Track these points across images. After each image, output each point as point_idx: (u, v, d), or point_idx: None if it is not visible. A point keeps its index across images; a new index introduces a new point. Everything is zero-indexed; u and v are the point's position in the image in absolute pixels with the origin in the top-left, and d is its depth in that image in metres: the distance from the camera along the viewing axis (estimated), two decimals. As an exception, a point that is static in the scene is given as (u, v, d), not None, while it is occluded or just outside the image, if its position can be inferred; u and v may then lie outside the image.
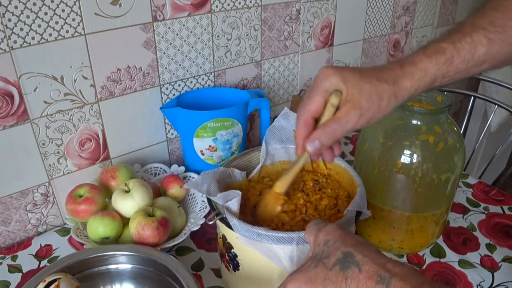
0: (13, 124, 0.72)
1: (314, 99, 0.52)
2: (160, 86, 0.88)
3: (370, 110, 0.51)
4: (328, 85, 0.51)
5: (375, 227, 0.73)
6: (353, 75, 0.51)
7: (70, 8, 0.71)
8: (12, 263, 0.74)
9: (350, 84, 0.50)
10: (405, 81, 0.51)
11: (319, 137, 0.52)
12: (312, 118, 0.53)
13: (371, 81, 0.50)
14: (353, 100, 0.50)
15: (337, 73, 0.51)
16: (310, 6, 1.06)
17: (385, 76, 0.51)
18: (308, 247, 0.52)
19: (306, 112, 0.53)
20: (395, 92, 0.51)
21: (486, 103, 1.69)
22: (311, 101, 0.52)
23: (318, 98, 0.51)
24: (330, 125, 0.51)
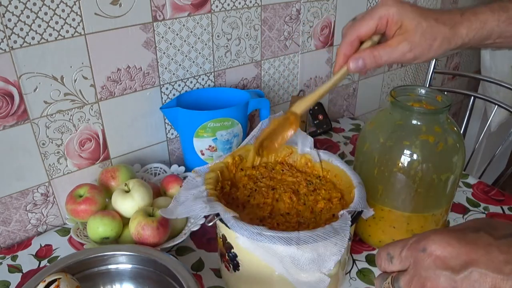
0: (13, 124, 0.72)
1: (366, 22, 0.53)
2: (160, 86, 0.88)
3: (420, 47, 0.52)
4: (384, 13, 0.52)
5: (375, 227, 0.73)
6: (412, 10, 0.52)
7: (70, 8, 0.71)
8: (12, 263, 0.74)
9: (407, 17, 0.51)
10: (462, 28, 0.52)
11: (365, 58, 0.53)
12: (358, 40, 0.54)
13: (429, 20, 0.52)
14: (407, 33, 0.52)
15: (397, 4, 0.52)
16: (310, 6, 1.06)
17: (444, 19, 0.52)
18: (309, 247, 0.52)
19: (354, 33, 0.53)
20: (449, 37, 0.52)
21: (486, 103, 1.69)
22: (363, 23, 0.53)
23: (370, 22, 0.52)
24: (378, 49, 0.53)
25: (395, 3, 0.52)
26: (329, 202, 0.65)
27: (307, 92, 1.18)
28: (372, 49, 0.53)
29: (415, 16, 0.51)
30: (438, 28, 0.52)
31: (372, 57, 0.53)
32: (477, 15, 0.53)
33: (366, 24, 0.53)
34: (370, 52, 0.53)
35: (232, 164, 0.69)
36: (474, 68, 1.81)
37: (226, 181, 0.68)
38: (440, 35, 0.52)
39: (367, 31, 0.53)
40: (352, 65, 0.54)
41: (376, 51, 0.53)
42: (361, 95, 1.35)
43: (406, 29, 0.52)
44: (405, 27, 0.52)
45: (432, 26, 0.52)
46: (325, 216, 0.63)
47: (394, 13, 0.51)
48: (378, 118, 0.71)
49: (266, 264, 0.56)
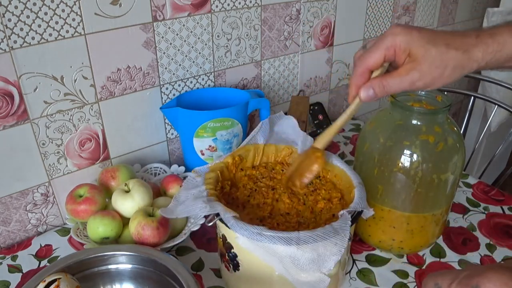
0: (13, 124, 0.72)
1: (374, 53, 0.52)
2: (160, 86, 0.88)
3: (430, 75, 0.50)
4: (391, 43, 0.51)
5: (375, 227, 0.73)
6: (420, 37, 0.50)
7: (70, 8, 0.71)
8: (12, 263, 0.74)
9: (415, 45, 0.50)
10: (477, 52, 0.49)
11: (374, 87, 0.53)
12: (369, 70, 0.53)
13: (438, 46, 0.49)
14: (416, 61, 0.50)
15: (404, 32, 0.50)
16: (310, 6, 1.06)
17: (456, 43, 0.50)
18: (309, 247, 0.52)
19: (364, 64, 0.53)
20: (463, 62, 0.50)
21: (486, 103, 1.69)
22: (371, 55, 0.52)
23: (378, 53, 0.52)
24: (387, 78, 0.52)
25: (402, 31, 0.50)
26: (329, 202, 0.65)
27: (306, 92, 1.18)
28: (382, 78, 0.52)
29: (423, 44, 0.49)
30: (449, 55, 0.49)
31: (382, 87, 0.52)
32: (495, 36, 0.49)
33: (373, 55, 0.52)
34: (379, 82, 0.52)
35: (232, 164, 0.69)
36: (474, 68, 1.81)
37: (226, 181, 0.68)
38: (452, 62, 0.49)
39: (375, 63, 0.52)
40: (362, 94, 0.54)
41: (385, 80, 0.52)
42: (361, 95, 1.35)
43: (415, 57, 0.50)
44: (414, 56, 0.50)
45: (442, 53, 0.49)
46: (325, 216, 0.63)
47: (401, 42, 0.50)
48: (378, 118, 0.71)
49: (266, 264, 0.56)
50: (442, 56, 0.49)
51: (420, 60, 0.50)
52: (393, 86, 0.52)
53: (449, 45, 0.49)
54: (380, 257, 0.75)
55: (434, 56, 0.49)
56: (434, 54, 0.49)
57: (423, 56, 0.50)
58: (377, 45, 0.52)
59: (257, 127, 0.71)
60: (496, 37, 0.50)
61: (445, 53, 0.49)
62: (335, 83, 1.25)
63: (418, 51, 0.50)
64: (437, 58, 0.49)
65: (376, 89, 0.53)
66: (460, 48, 0.49)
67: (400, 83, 0.51)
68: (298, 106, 0.98)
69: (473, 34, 0.50)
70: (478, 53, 0.50)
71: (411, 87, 0.52)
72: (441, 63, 0.49)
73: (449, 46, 0.49)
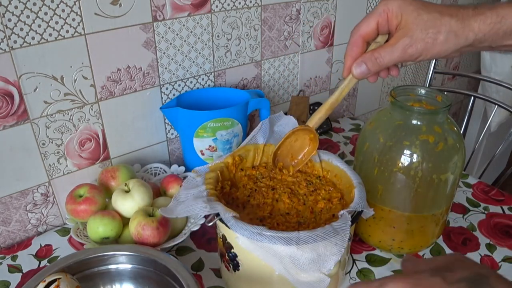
0: (13, 124, 0.72)
1: (367, 19, 0.52)
2: (160, 86, 0.88)
3: (423, 40, 0.49)
4: (383, 8, 0.50)
5: (375, 227, 0.73)
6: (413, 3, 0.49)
7: (70, 8, 0.71)
8: (12, 263, 0.74)
9: (407, 10, 0.49)
10: (474, 22, 0.48)
11: (366, 61, 0.52)
12: (362, 39, 0.52)
13: (431, 12, 0.48)
14: (405, 27, 0.49)
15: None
16: (310, 6, 1.06)
17: (450, 11, 0.49)
18: (309, 247, 0.52)
19: (356, 33, 0.52)
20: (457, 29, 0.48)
21: (486, 103, 1.69)
22: (363, 22, 0.52)
23: (370, 19, 0.51)
24: (379, 50, 0.51)
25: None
26: (329, 202, 0.65)
27: (306, 92, 1.18)
28: (373, 51, 0.52)
29: (415, 8, 0.49)
30: (442, 20, 0.48)
31: (373, 59, 0.51)
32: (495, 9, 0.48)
33: (366, 22, 0.51)
34: (371, 54, 0.51)
35: (232, 164, 0.69)
36: (474, 68, 1.81)
37: (226, 181, 0.68)
38: (445, 27, 0.48)
39: (368, 29, 0.52)
40: (355, 70, 0.53)
41: (377, 52, 0.51)
42: (361, 95, 1.35)
43: (406, 22, 0.49)
44: (405, 21, 0.49)
45: (435, 18, 0.48)
46: (325, 216, 0.63)
47: (394, 6, 0.50)
48: (378, 118, 0.71)
49: (266, 264, 0.56)
50: (435, 21, 0.48)
51: (411, 26, 0.49)
52: (385, 57, 0.51)
53: (442, 12, 0.49)
54: (380, 257, 0.75)
55: (426, 20, 0.48)
56: (426, 19, 0.48)
57: (414, 21, 0.49)
58: (370, 13, 0.52)
59: (257, 127, 0.71)
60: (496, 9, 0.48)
61: (438, 19, 0.48)
62: (335, 83, 1.25)
63: (410, 15, 0.49)
64: (429, 22, 0.48)
65: (368, 63, 0.52)
66: (454, 16, 0.48)
67: (391, 52, 0.50)
68: (298, 106, 0.98)
69: (471, 6, 0.49)
70: (475, 23, 0.48)
71: (403, 56, 0.50)
72: (434, 28, 0.48)
73: (442, 13, 0.49)
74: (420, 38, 0.49)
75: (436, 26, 0.48)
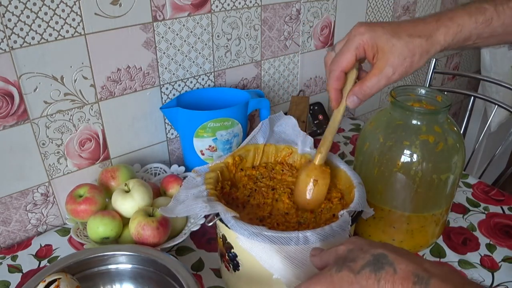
0: (13, 124, 0.72)
1: (345, 55, 0.55)
2: (160, 86, 0.88)
3: (402, 66, 0.53)
4: (359, 42, 0.54)
5: (375, 227, 0.73)
6: (384, 32, 0.53)
7: (70, 8, 0.71)
8: (12, 263, 0.74)
9: (380, 40, 0.53)
10: (439, 35, 0.53)
11: (357, 94, 0.56)
12: (343, 73, 0.56)
13: (402, 37, 0.52)
14: (383, 57, 0.53)
15: (369, 30, 0.53)
16: (310, 6, 1.06)
17: (418, 31, 0.53)
18: (310, 247, 0.52)
19: (338, 68, 0.56)
20: (427, 47, 0.53)
21: (486, 103, 1.69)
22: (343, 57, 0.55)
23: (350, 54, 0.54)
24: (365, 83, 0.55)
25: (366, 30, 0.53)
26: (329, 202, 0.65)
27: (306, 92, 1.18)
28: (361, 85, 0.56)
29: (388, 38, 0.53)
30: (414, 43, 0.53)
31: (362, 92, 0.56)
32: (454, 19, 0.53)
33: (345, 57, 0.55)
34: (360, 89, 0.56)
35: (232, 164, 0.69)
36: (474, 68, 1.81)
37: (226, 181, 0.68)
38: (417, 49, 0.53)
39: (348, 64, 0.55)
40: (349, 103, 0.57)
41: (364, 85, 0.55)
42: (361, 95, 1.35)
43: (383, 52, 0.53)
44: (381, 51, 0.53)
45: (407, 43, 0.52)
46: (325, 216, 0.63)
47: (367, 39, 0.53)
48: (378, 118, 0.71)
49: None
50: (408, 46, 0.52)
51: (388, 55, 0.53)
52: (373, 87, 0.55)
53: (411, 35, 0.53)
54: (380, 257, 0.74)
55: (401, 48, 0.52)
56: (400, 46, 0.52)
57: (390, 49, 0.53)
58: (347, 46, 0.55)
59: (257, 127, 0.71)
60: (455, 20, 0.53)
61: (410, 43, 0.53)
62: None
63: (385, 45, 0.53)
64: (404, 48, 0.52)
65: (359, 95, 0.56)
66: (423, 35, 0.53)
67: (378, 82, 0.54)
68: (298, 106, 0.98)
69: (433, 19, 0.54)
70: (440, 36, 0.53)
71: (388, 82, 0.55)
72: (409, 53, 0.53)
73: (412, 35, 0.53)
74: (399, 65, 0.53)
75: (410, 50, 0.53)
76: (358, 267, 0.39)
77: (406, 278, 0.37)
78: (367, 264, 0.39)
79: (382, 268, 0.38)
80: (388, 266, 0.38)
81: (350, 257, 0.41)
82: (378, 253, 0.39)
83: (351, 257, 0.41)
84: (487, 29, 0.53)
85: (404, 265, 0.37)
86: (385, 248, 0.40)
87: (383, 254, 0.39)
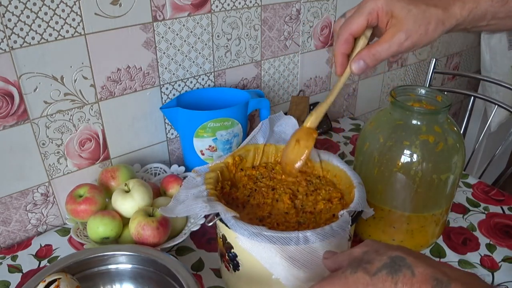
0: (13, 124, 0.72)
1: (357, 19, 0.53)
2: (160, 86, 0.88)
3: (417, 33, 0.52)
4: (372, 7, 0.52)
5: (375, 227, 0.73)
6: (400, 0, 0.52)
7: (70, 8, 0.71)
8: (12, 263, 0.74)
9: (396, 7, 0.51)
10: (456, 8, 0.52)
11: (365, 58, 0.53)
12: (352, 37, 0.54)
13: (419, 5, 0.51)
14: (399, 22, 0.51)
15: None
16: (310, 6, 1.06)
17: (434, 1, 0.52)
18: (310, 247, 0.52)
19: (347, 31, 0.54)
20: (443, 18, 0.52)
21: (486, 103, 1.69)
22: (354, 21, 0.53)
23: (361, 18, 0.52)
24: (375, 47, 0.53)
25: None
26: (329, 202, 0.65)
27: (306, 92, 1.18)
28: (370, 48, 0.53)
29: (404, 4, 0.51)
30: (430, 11, 0.51)
31: (371, 56, 0.53)
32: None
33: (356, 21, 0.53)
34: (368, 52, 0.53)
35: (232, 164, 0.69)
36: (474, 68, 1.81)
37: (226, 181, 0.68)
38: (433, 18, 0.51)
39: (358, 28, 0.53)
40: (354, 67, 0.54)
41: (374, 49, 0.53)
42: (361, 95, 1.35)
43: (398, 18, 0.51)
44: (396, 17, 0.51)
45: (423, 10, 0.51)
46: (325, 216, 0.63)
47: (383, 4, 0.51)
48: (378, 118, 0.71)
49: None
50: (424, 13, 0.51)
51: (403, 21, 0.51)
52: (383, 52, 0.53)
53: (428, 4, 0.52)
54: (380, 257, 0.74)
55: (416, 14, 0.51)
56: (416, 13, 0.51)
57: (405, 16, 0.51)
58: (359, 10, 0.53)
59: (257, 127, 0.71)
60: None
61: (427, 11, 0.51)
62: (335, 83, 1.24)
63: (401, 11, 0.51)
64: (420, 15, 0.51)
65: (367, 60, 0.54)
66: (439, 6, 0.52)
67: (389, 47, 0.53)
68: (298, 106, 0.98)
69: None
70: (456, 10, 0.52)
71: (399, 49, 0.53)
72: (424, 20, 0.51)
73: (429, 4, 0.52)
74: (413, 31, 0.51)
75: (425, 18, 0.51)
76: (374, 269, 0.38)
77: (425, 282, 0.36)
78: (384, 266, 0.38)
79: (399, 271, 0.37)
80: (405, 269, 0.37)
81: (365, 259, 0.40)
82: (395, 256, 0.39)
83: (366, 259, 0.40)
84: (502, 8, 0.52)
85: (422, 269, 0.37)
86: (402, 251, 0.40)
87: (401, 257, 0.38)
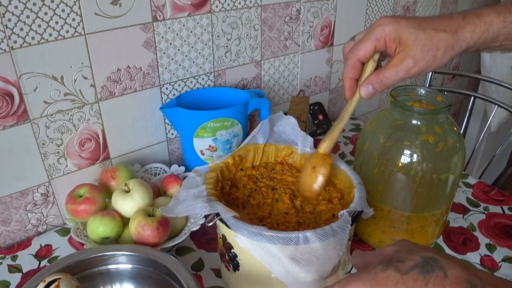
0: (13, 124, 0.72)
1: (365, 44, 0.53)
2: (160, 86, 0.88)
3: (424, 59, 0.51)
4: (380, 33, 0.51)
5: (375, 227, 0.73)
6: (409, 25, 0.51)
7: (70, 8, 0.71)
8: (12, 263, 0.74)
9: (404, 33, 0.51)
10: (466, 32, 0.51)
11: (373, 83, 0.53)
12: (360, 62, 0.54)
13: (427, 30, 0.51)
14: (407, 48, 0.51)
15: (392, 22, 0.51)
16: (310, 6, 1.06)
17: (443, 26, 0.51)
18: (310, 247, 0.52)
19: (355, 56, 0.54)
20: (453, 43, 0.51)
21: (486, 103, 1.69)
22: (361, 47, 0.53)
23: (369, 44, 0.52)
24: (383, 72, 0.53)
25: (390, 21, 0.51)
26: (329, 202, 0.65)
27: (306, 92, 1.18)
28: (378, 73, 0.53)
29: (412, 30, 0.51)
30: (439, 37, 0.50)
31: (379, 81, 0.53)
32: (481, 17, 0.51)
33: (364, 47, 0.53)
34: (376, 77, 0.53)
35: (232, 164, 0.69)
36: (474, 68, 1.81)
37: (226, 181, 0.68)
38: (442, 43, 0.51)
39: (366, 54, 0.53)
40: (363, 92, 0.55)
41: (382, 74, 0.53)
42: (361, 95, 1.35)
43: (406, 44, 0.51)
44: (404, 43, 0.51)
45: (432, 36, 0.50)
46: (325, 216, 0.63)
47: (390, 31, 0.51)
48: (378, 118, 0.71)
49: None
50: (432, 39, 0.50)
51: (411, 47, 0.51)
52: (390, 78, 0.53)
53: (437, 29, 0.51)
54: (380, 257, 0.74)
55: (424, 40, 0.50)
56: (424, 39, 0.50)
57: (413, 42, 0.51)
58: (367, 36, 0.53)
59: (257, 127, 0.71)
60: (483, 18, 0.51)
61: (435, 36, 0.51)
62: (335, 83, 1.25)
63: (409, 38, 0.51)
64: (428, 42, 0.50)
65: (375, 85, 0.54)
66: (448, 30, 0.51)
67: (396, 73, 0.52)
68: (298, 106, 0.98)
69: (460, 16, 0.52)
70: (467, 34, 0.51)
71: (407, 75, 0.52)
72: (432, 46, 0.51)
73: (437, 30, 0.51)
74: (421, 58, 0.51)
75: (434, 44, 0.51)
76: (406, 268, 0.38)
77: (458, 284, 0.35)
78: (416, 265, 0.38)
79: (432, 271, 0.37)
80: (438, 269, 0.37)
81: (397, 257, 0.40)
82: (428, 256, 0.39)
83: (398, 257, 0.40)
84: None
85: (455, 270, 0.37)
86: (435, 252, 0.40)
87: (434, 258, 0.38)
